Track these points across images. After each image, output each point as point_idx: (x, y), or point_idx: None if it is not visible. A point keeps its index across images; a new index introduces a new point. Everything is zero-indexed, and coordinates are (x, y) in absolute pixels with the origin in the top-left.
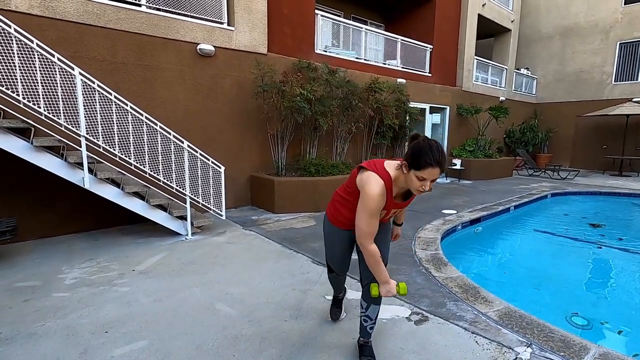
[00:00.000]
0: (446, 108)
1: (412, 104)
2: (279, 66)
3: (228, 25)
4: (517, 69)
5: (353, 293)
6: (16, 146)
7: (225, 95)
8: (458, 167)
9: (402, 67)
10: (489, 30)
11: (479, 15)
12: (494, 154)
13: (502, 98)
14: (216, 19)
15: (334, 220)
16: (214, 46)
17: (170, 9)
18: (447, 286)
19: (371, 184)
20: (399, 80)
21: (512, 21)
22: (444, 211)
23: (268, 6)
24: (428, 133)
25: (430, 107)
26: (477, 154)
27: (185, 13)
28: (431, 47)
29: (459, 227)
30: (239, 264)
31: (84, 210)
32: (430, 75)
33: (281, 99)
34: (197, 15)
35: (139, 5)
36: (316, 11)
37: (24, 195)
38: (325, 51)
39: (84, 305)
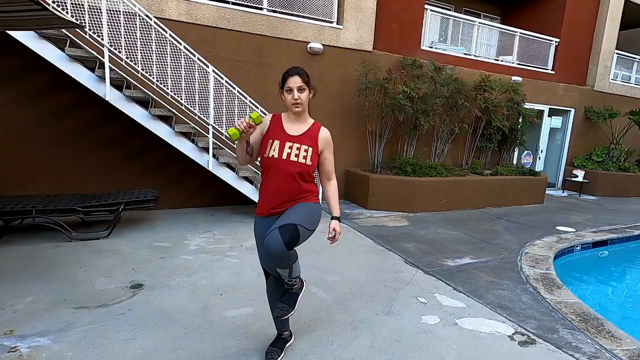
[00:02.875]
0: (570, 110)
1: (528, 105)
2: (383, 63)
3: (337, 24)
4: None
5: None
6: (164, 131)
7: (329, 91)
8: (580, 179)
9: (519, 64)
10: (639, 18)
11: (625, 0)
12: (632, 167)
13: None
14: (326, 19)
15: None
16: (323, 44)
17: (286, 11)
18: (560, 311)
19: None
20: (514, 78)
21: None
22: (558, 227)
23: (377, 3)
24: (544, 138)
25: (550, 108)
26: (608, 165)
27: (299, 14)
28: (557, 40)
29: (578, 248)
30: (332, 253)
31: (204, 189)
32: (553, 72)
33: (383, 96)
34: (309, 16)
35: (261, 9)
36: (425, 6)
37: (164, 172)
38: (431, 47)
39: (203, 269)
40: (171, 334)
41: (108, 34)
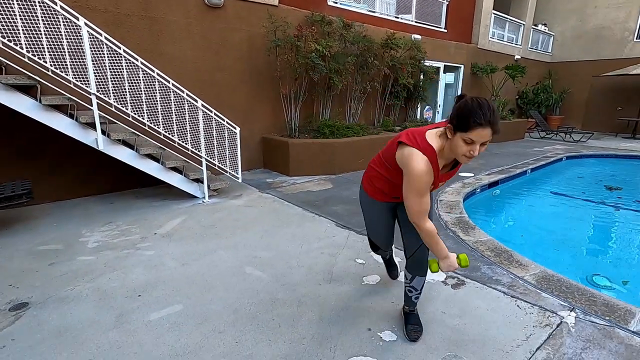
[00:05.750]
0: (460, 67)
1: (427, 63)
2: (291, 19)
3: None
4: (535, 25)
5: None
6: (24, 105)
7: (236, 51)
8: None
9: (416, 22)
10: None
11: None
12: (507, 115)
13: (517, 56)
14: None
15: (371, 192)
16: None
17: None
18: (478, 250)
19: (414, 163)
20: (414, 36)
21: None
22: (460, 174)
23: None
24: (441, 93)
25: (445, 65)
26: None
27: None
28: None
29: (478, 190)
30: (261, 227)
31: (97, 173)
32: (445, 31)
33: (295, 55)
34: None
35: None
36: None
37: (37, 158)
38: (336, 2)
39: (111, 269)
40: (79, 359)
41: None
